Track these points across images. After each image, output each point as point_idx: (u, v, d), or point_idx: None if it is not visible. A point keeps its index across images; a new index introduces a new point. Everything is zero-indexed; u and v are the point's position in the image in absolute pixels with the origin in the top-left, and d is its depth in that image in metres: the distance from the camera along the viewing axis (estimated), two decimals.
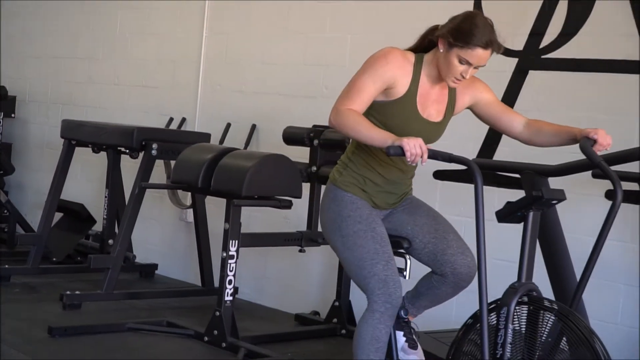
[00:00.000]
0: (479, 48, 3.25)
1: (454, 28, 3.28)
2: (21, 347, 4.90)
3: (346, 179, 3.48)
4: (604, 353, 3.05)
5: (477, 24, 3.27)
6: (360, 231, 3.41)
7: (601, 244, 3.14)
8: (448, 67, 3.31)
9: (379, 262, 3.36)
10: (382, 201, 3.51)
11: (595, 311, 4.27)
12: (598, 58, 4.98)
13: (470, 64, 3.29)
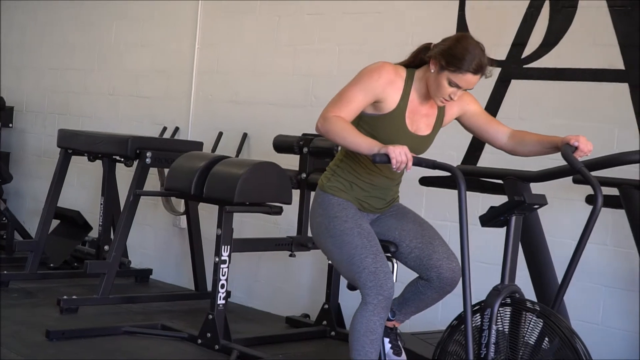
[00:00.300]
0: (469, 73, 3.26)
1: (446, 51, 3.28)
2: (20, 350, 4.88)
3: (333, 184, 3.50)
4: (585, 352, 3.05)
5: (469, 49, 3.26)
6: (347, 229, 3.41)
7: (582, 247, 3.15)
8: (438, 87, 3.32)
9: (368, 255, 3.36)
10: (370, 205, 3.52)
11: (576, 312, 4.28)
12: (578, 67, 4.99)
13: (460, 87, 3.30)
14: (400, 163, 3.07)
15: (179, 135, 7.18)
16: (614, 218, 4.72)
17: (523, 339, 3.20)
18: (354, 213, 3.46)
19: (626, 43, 4.81)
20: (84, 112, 8.10)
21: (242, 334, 5.54)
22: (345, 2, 6.14)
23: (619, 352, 4.68)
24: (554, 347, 3.15)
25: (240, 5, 6.86)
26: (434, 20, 5.60)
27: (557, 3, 5.08)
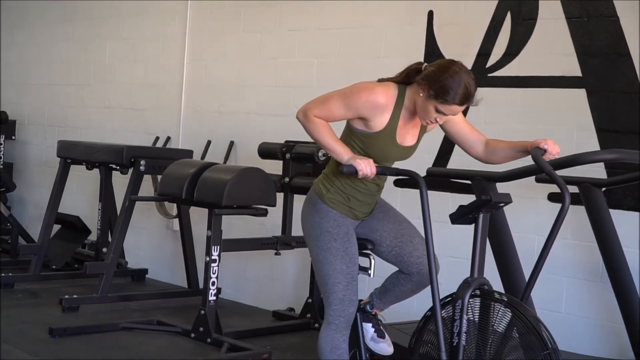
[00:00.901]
0: (455, 105, 3.20)
1: (435, 82, 3.17)
2: (25, 347, 4.86)
3: (333, 196, 3.43)
4: (550, 339, 3.05)
5: (457, 82, 3.15)
6: (334, 249, 3.40)
7: (551, 242, 3.15)
8: (424, 111, 3.26)
9: (341, 282, 3.38)
10: (361, 212, 3.50)
11: (541, 302, 4.29)
12: (539, 75, 5.01)
13: (445, 114, 3.25)
14: (365, 174, 3.17)
15: (171, 144, 7.17)
16: (575, 214, 4.72)
17: (492, 327, 3.20)
18: (345, 232, 3.43)
19: (583, 52, 4.83)
20: (82, 124, 8.07)
21: (232, 328, 5.54)
22: (322, 19, 6.14)
23: (581, 338, 4.70)
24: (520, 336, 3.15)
25: (225, 23, 6.85)
26: (404, 34, 5.61)
27: (518, 16, 5.10)
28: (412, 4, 5.60)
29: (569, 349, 4.44)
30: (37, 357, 4.67)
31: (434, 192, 5.29)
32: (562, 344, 3.25)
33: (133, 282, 7.16)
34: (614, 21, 4.70)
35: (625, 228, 4.40)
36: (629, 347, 4.21)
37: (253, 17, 6.64)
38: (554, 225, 3.13)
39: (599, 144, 4.72)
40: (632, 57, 4.63)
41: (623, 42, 4.66)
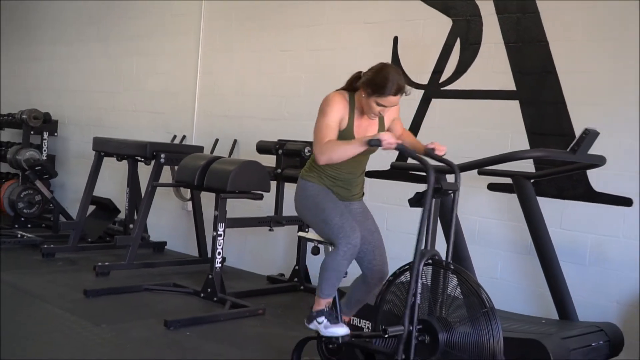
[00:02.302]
0: (390, 96, 3.28)
1: (371, 81, 3.28)
2: (64, 305, 4.86)
3: (311, 174, 3.51)
4: (488, 300, 3.08)
5: (389, 77, 3.25)
6: (320, 202, 3.44)
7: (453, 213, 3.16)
8: (368, 107, 3.35)
9: (335, 215, 3.39)
10: (337, 193, 3.51)
11: (481, 270, 4.32)
12: (482, 89, 5.02)
13: (385, 106, 3.32)
14: (390, 143, 3.13)
15: (185, 141, 7.15)
16: (509, 200, 4.76)
17: (441, 289, 3.22)
18: (325, 193, 3.47)
19: (517, 70, 4.85)
20: (113, 124, 8.04)
21: (234, 289, 5.55)
22: (308, 42, 6.14)
23: (513, 300, 4.73)
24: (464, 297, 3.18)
25: (231, 44, 6.83)
26: (375, 54, 5.61)
27: (465, 41, 5.12)
28: (381, 31, 5.61)
29: (503, 308, 4.46)
30: (74, 314, 4.66)
31: (397, 182, 5.35)
32: (498, 304, 3.27)
33: (154, 252, 7.15)
34: (544, 45, 4.72)
35: (549, 212, 4.44)
36: (552, 307, 4.25)
37: (253, 40, 6.63)
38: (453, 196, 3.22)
39: (529, 144, 4.74)
40: (557, 75, 4.66)
41: (550, 62, 4.68)
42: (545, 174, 4.37)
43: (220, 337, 4.40)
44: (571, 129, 4.56)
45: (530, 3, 4.79)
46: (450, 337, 3.13)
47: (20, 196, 7.82)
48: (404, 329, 3.11)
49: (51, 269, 6.04)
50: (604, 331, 3.93)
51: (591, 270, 4.47)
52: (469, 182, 4.69)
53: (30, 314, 4.65)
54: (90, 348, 4.02)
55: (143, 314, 4.81)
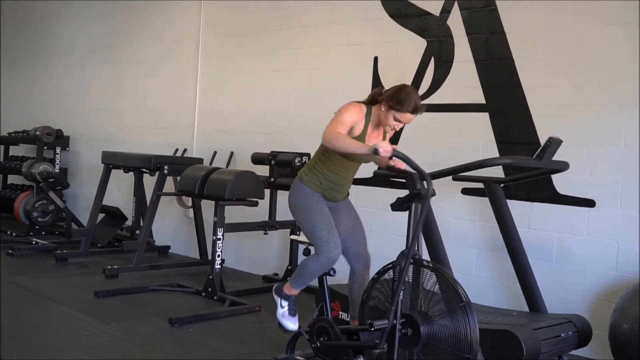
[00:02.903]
0: (408, 113, 3.32)
1: (393, 96, 3.31)
2: (76, 305, 4.83)
3: (310, 178, 3.50)
4: (464, 294, 3.07)
5: (409, 96, 3.29)
6: (312, 211, 3.44)
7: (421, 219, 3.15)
8: (386, 120, 3.37)
9: (323, 229, 3.41)
10: (331, 195, 3.52)
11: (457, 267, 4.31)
12: (454, 103, 5.03)
13: (401, 122, 3.35)
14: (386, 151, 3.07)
15: (187, 153, 7.13)
16: (481, 203, 4.77)
17: (422, 285, 3.21)
18: (317, 200, 3.47)
19: (486, 85, 4.87)
20: (120, 139, 8.02)
21: (233, 288, 5.53)
22: (297, 63, 6.13)
23: (487, 294, 4.73)
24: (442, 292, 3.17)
25: (227, 66, 6.82)
26: (357, 73, 5.62)
27: (439, 60, 5.13)
28: (362, 52, 5.61)
29: (478, 301, 4.45)
30: (85, 313, 4.62)
31: (379, 188, 5.34)
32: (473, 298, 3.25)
33: (159, 255, 7.12)
34: (510, 62, 4.73)
35: (518, 213, 4.44)
36: (522, 300, 4.24)
37: (247, 61, 6.62)
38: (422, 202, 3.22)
39: (498, 152, 4.75)
40: (522, 89, 4.67)
41: (516, 77, 4.70)
42: (514, 178, 4.37)
43: (220, 333, 4.37)
44: (536, 138, 4.57)
45: (497, 25, 4.80)
46: (431, 329, 3.11)
47: (35, 206, 7.78)
48: (388, 322, 3.09)
49: (64, 272, 5.99)
50: (572, 322, 3.92)
51: (557, 266, 4.47)
52: (445, 188, 4.70)
53: (45, 314, 4.61)
54: (100, 344, 3.99)
55: (149, 312, 4.77)
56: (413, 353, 3.14)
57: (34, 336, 4.06)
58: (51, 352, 3.80)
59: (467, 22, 4.96)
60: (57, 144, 8.50)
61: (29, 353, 3.75)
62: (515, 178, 4.37)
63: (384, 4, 5.49)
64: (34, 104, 9.65)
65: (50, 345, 3.92)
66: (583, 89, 4.39)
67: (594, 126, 4.33)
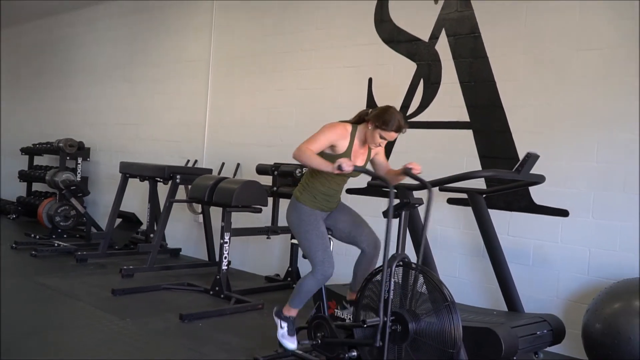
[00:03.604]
0: (393, 131, 3.32)
1: (379, 117, 3.31)
2: (94, 303, 4.81)
3: (305, 197, 3.48)
4: (449, 295, 3.07)
5: (394, 117, 3.30)
6: (310, 230, 3.42)
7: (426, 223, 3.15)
8: (372, 139, 3.37)
9: (319, 249, 3.39)
10: (325, 206, 3.51)
11: (442, 270, 4.31)
12: (441, 120, 5.04)
13: (386, 139, 3.36)
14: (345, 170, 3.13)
15: (197, 164, 7.14)
16: (465, 212, 4.77)
17: (410, 286, 3.21)
18: (315, 219, 3.45)
19: (470, 105, 4.88)
20: (136, 150, 8.02)
21: (238, 287, 5.51)
22: (298, 82, 6.15)
23: (469, 294, 4.73)
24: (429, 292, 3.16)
25: (234, 84, 6.84)
26: (352, 92, 5.64)
27: (428, 81, 5.14)
28: (358, 73, 5.63)
29: (462, 301, 4.45)
30: (103, 309, 4.61)
31: (372, 197, 5.34)
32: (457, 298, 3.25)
33: (171, 257, 7.11)
34: (492, 84, 4.75)
35: (498, 221, 4.44)
36: (501, 300, 4.23)
37: (253, 81, 6.64)
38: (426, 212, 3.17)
39: (481, 166, 4.75)
40: (503, 108, 4.68)
41: (497, 98, 4.71)
42: (495, 190, 4.38)
43: (226, 328, 4.36)
44: (515, 153, 4.58)
45: (480, 50, 4.82)
46: (418, 326, 3.11)
47: (58, 211, 7.77)
48: (379, 320, 3.09)
49: (84, 272, 5.98)
50: (547, 321, 3.91)
51: (534, 270, 4.47)
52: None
53: (66, 310, 4.59)
54: (116, 338, 3.97)
55: (162, 309, 4.76)
56: (402, 348, 3.13)
57: (55, 331, 4.04)
58: (71, 345, 3.78)
59: (453, 47, 4.98)
60: (78, 154, 8.50)
61: (51, 347, 3.73)
62: (496, 189, 4.38)
63: (378, 31, 5.51)
64: (58, 118, 9.66)
65: (70, 339, 3.90)
66: (559, 109, 4.41)
67: (568, 143, 4.34)
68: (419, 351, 3.09)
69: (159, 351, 3.79)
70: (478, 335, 3.53)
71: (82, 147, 8.56)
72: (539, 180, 3.96)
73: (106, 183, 8.59)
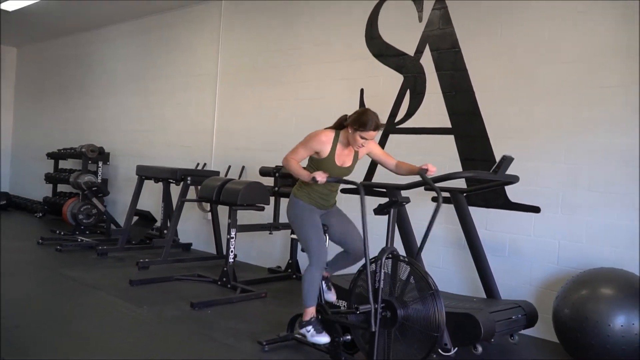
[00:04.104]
0: (371, 131, 3.28)
1: (356, 120, 3.29)
2: (113, 292, 4.81)
3: (301, 193, 3.47)
4: (433, 284, 3.07)
5: (370, 117, 3.28)
6: (306, 221, 3.40)
7: (431, 225, 3.16)
8: (354, 140, 3.34)
9: (314, 239, 3.37)
10: (320, 204, 3.49)
11: (428, 261, 4.32)
12: (426, 127, 5.05)
13: (367, 139, 3.32)
14: (319, 181, 3.22)
15: (206, 167, 7.13)
16: (448, 209, 4.77)
17: (399, 276, 3.22)
18: (310, 212, 3.43)
19: (452, 113, 4.89)
20: (152, 155, 8.01)
21: (243, 278, 5.52)
22: (297, 93, 6.16)
23: (452, 283, 4.73)
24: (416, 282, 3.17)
25: (239, 95, 6.84)
26: (346, 102, 5.65)
27: (414, 91, 5.15)
28: (351, 84, 5.64)
29: (445, 289, 4.47)
30: (122, 298, 4.61)
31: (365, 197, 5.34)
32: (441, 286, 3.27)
33: (183, 251, 7.10)
34: (471, 94, 4.76)
35: (477, 217, 4.45)
36: (480, 288, 4.25)
37: (256, 92, 6.64)
38: (433, 215, 3.16)
39: (462, 167, 4.77)
40: (481, 116, 4.69)
41: (476, 107, 4.72)
42: (474, 189, 4.39)
43: (233, 315, 4.36)
44: (493, 156, 4.59)
45: (460, 63, 4.83)
46: (406, 312, 3.11)
47: (80, 210, 7.76)
48: (371, 306, 3.09)
49: (104, 264, 5.97)
50: (521, 307, 3.93)
51: (509, 260, 4.48)
52: (418, 196, 4.71)
53: (89, 300, 4.59)
54: (134, 324, 3.97)
55: (174, 298, 4.76)
56: (391, 332, 3.14)
57: (79, 318, 4.04)
58: (93, 330, 3.78)
59: (437, 61, 4.99)
60: (99, 158, 8.50)
61: (74, 332, 3.73)
62: (475, 188, 4.39)
63: (368, 46, 5.52)
64: (81, 126, 9.64)
65: (91, 325, 3.90)
66: (531, 116, 4.42)
67: (539, 146, 4.36)
68: (407, 335, 3.09)
69: (173, 335, 3.79)
70: (459, 319, 3.54)
71: (102, 152, 8.56)
72: (514, 180, 3.97)
73: (124, 184, 8.58)
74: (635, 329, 3.35)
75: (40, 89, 10.92)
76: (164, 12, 7.97)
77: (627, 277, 3.59)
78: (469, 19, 4.81)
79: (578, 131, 4.17)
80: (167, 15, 7.93)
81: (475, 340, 3.51)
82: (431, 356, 2.98)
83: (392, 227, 3.36)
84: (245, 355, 3.48)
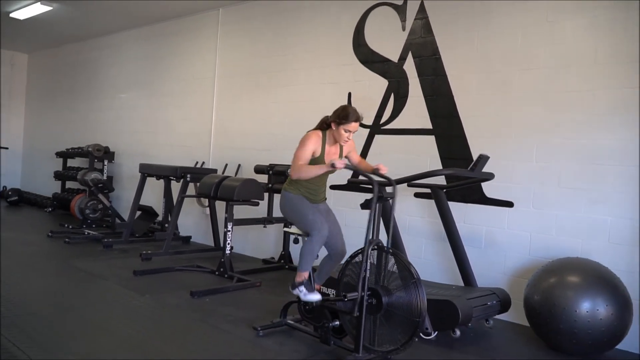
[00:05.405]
0: (353, 122, 3.29)
1: (338, 115, 3.32)
2: (118, 282, 4.77)
3: (291, 188, 3.47)
4: (415, 273, 3.08)
5: (349, 111, 3.31)
6: (298, 205, 3.41)
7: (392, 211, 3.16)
8: (339, 135, 3.35)
9: (309, 214, 3.37)
10: (309, 198, 3.49)
11: (410, 252, 4.32)
12: (409, 127, 5.05)
13: (350, 132, 3.32)
14: (339, 167, 3.16)
15: (204, 165, 7.09)
16: (429, 204, 4.78)
17: (383, 266, 3.22)
18: (301, 199, 3.44)
19: (433, 115, 4.89)
20: (154, 154, 7.96)
21: (239, 268, 5.50)
22: (289, 96, 6.14)
23: (432, 272, 4.74)
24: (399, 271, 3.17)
25: (236, 98, 6.80)
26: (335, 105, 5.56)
27: (397, 95, 5.15)
28: (339, 88, 5.62)
29: (426, 278, 4.47)
30: (126, 287, 4.58)
31: (352, 192, 5.34)
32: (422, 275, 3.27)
33: (183, 243, 7.05)
34: (450, 98, 4.76)
35: (456, 211, 4.47)
36: (459, 277, 4.26)
37: (251, 96, 6.61)
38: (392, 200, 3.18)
39: (442, 165, 4.77)
40: (460, 118, 4.70)
41: (455, 109, 4.73)
42: (453, 185, 4.40)
43: (230, 302, 4.34)
44: (470, 155, 4.60)
45: (440, 69, 4.84)
46: (390, 299, 3.12)
47: (87, 205, 7.69)
48: (358, 294, 3.09)
49: (109, 256, 5.92)
50: (496, 294, 3.94)
51: (485, 252, 4.49)
52: (401, 192, 4.72)
53: (95, 289, 4.55)
54: (137, 312, 3.94)
55: (175, 287, 4.73)
56: (377, 318, 3.14)
57: (86, 306, 4.01)
58: (99, 317, 3.76)
59: (419, 67, 5.00)
60: (105, 157, 8.42)
61: (82, 319, 3.70)
62: (454, 185, 4.40)
63: (355, 53, 5.51)
64: (88, 127, 9.56)
65: (98, 312, 3.87)
66: (505, 119, 4.44)
67: (513, 146, 4.37)
68: (391, 320, 3.10)
69: (174, 322, 3.77)
70: (439, 306, 3.55)
71: (108, 151, 8.48)
72: (489, 177, 3.98)
73: (128, 181, 8.51)
74: (600, 314, 3.37)
75: (49, 93, 10.81)
76: (167, 21, 7.91)
77: (593, 266, 3.61)
78: (448, 29, 4.81)
79: (548, 132, 4.19)
80: (169, 23, 7.87)
81: (454, 324, 3.52)
82: (413, 340, 2.99)
83: (377, 221, 3.36)
84: (241, 340, 3.47)
